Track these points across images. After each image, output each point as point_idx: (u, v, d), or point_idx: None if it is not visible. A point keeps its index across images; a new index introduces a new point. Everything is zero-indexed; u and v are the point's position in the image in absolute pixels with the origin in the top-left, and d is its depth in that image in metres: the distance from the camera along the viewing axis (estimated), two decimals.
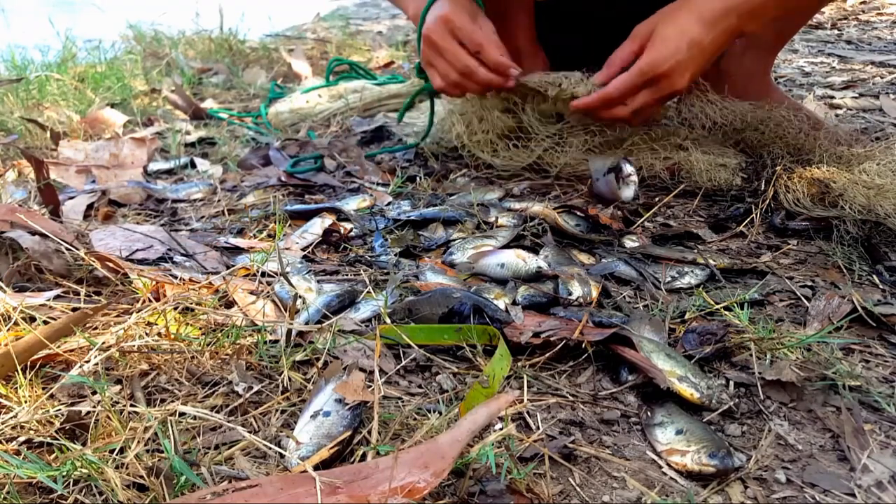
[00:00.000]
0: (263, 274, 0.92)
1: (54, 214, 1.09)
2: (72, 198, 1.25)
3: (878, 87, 1.94)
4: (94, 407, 0.62)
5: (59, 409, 0.63)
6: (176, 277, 0.88)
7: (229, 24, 2.78)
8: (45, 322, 0.76)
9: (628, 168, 1.15)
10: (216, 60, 2.59)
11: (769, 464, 0.61)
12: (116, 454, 0.57)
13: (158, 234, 1.03)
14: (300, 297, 0.84)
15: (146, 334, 0.75)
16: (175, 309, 0.79)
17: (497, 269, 0.93)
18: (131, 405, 0.64)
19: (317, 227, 1.09)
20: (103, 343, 0.71)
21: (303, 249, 1.04)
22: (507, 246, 1.00)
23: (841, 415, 0.65)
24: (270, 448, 0.61)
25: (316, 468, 0.54)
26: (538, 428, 0.64)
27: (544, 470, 0.59)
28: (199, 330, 0.78)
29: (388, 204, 1.22)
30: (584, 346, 0.73)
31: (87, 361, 0.69)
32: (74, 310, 0.77)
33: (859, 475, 0.59)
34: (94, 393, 0.67)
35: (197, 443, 0.61)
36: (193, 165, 1.48)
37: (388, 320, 0.79)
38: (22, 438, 0.61)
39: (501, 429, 0.62)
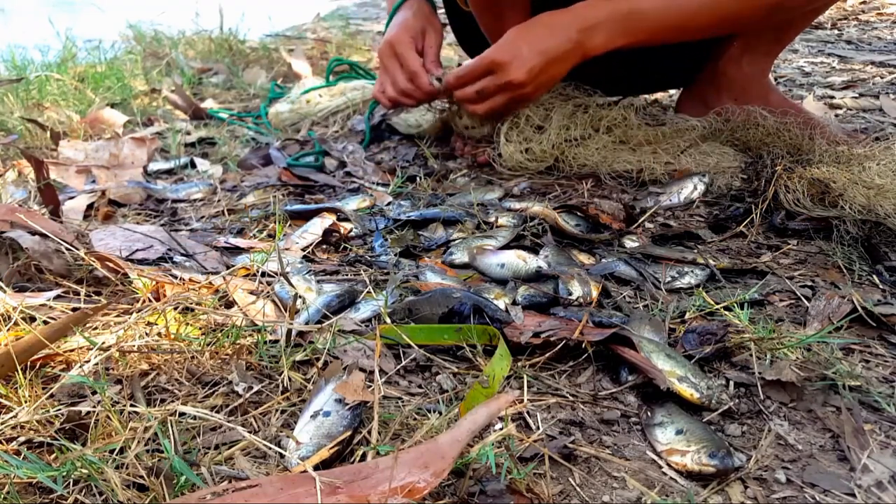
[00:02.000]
0: (263, 274, 0.92)
1: (54, 214, 1.09)
2: (72, 198, 1.25)
3: (878, 87, 1.94)
4: (94, 407, 0.62)
5: (59, 409, 0.63)
6: (176, 277, 0.88)
7: (229, 24, 2.78)
8: (45, 322, 0.76)
9: None
10: (216, 60, 2.59)
11: (769, 464, 0.61)
12: (116, 454, 0.57)
13: (158, 234, 1.03)
14: (300, 297, 0.84)
15: (146, 334, 0.75)
16: (175, 309, 0.79)
17: (497, 269, 0.93)
18: (131, 405, 0.64)
19: (317, 227, 1.09)
20: (103, 343, 0.71)
21: (303, 249, 1.03)
22: (507, 246, 1.00)
23: (841, 415, 0.65)
24: (270, 448, 0.61)
25: (316, 468, 0.54)
26: (538, 428, 0.64)
27: (544, 470, 0.59)
28: (199, 330, 0.78)
29: (388, 204, 1.22)
30: (584, 346, 0.73)
31: (87, 361, 0.69)
32: (74, 310, 0.77)
33: (859, 475, 0.59)
34: (94, 393, 0.67)
35: (197, 443, 0.61)
36: (193, 165, 1.48)
37: (388, 320, 0.79)
38: (22, 438, 0.61)
39: (501, 429, 0.62)
